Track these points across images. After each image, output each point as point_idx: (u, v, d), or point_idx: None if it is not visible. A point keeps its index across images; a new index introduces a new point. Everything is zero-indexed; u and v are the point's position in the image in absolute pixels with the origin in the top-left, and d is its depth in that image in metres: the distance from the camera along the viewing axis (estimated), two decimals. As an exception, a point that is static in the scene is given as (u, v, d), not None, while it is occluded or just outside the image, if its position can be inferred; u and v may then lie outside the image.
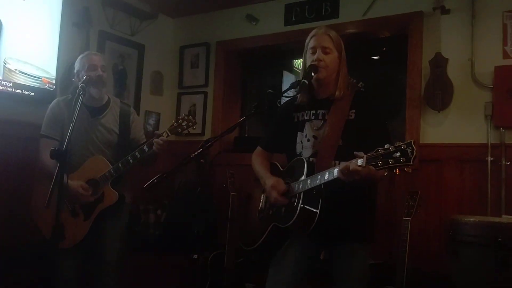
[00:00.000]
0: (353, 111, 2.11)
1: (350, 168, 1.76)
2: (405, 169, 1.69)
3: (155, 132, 2.81)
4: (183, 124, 2.71)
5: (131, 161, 2.71)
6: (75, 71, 2.86)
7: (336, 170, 1.85)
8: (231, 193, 3.73)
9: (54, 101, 2.94)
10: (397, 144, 1.67)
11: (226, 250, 3.59)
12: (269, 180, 2.17)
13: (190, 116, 2.75)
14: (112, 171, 2.73)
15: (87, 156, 2.80)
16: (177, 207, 4.25)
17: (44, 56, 3.65)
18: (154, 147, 2.67)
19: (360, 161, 1.75)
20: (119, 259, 2.84)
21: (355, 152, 1.79)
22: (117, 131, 2.87)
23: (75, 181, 2.69)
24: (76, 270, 2.80)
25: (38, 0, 3.57)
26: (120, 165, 2.73)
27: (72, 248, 2.72)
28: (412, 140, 1.66)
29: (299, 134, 2.21)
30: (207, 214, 4.06)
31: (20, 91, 3.47)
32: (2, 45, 3.36)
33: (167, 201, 4.39)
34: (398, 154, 1.66)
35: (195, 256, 3.06)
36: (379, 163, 1.70)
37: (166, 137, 2.68)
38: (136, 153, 2.71)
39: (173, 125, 2.74)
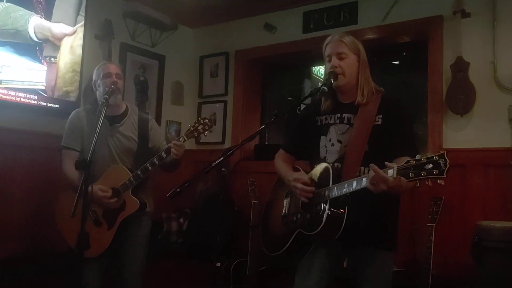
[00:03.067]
0: (380, 116, 2.08)
1: (379, 175, 1.75)
2: (438, 181, 1.67)
3: (173, 137, 2.79)
4: (199, 127, 2.68)
5: (150, 168, 2.69)
6: (92, 82, 2.90)
7: (364, 180, 1.83)
8: (252, 201, 3.75)
9: (74, 111, 2.96)
10: (429, 156, 1.65)
11: (248, 258, 3.59)
12: (292, 176, 2.14)
13: (207, 119, 2.71)
14: (132, 179, 2.71)
15: (108, 165, 2.79)
16: (199, 215, 4.27)
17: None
18: (171, 153, 2.64)
19: (390, 172, 1.73)
20: (142, 268, 2.84)
21: (386, 163, 1.77)
22: (136, 139, 2.86)
23: (93, 186, 2.64)
24: (100, 279, 2.80)
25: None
26: (139, 173, 2.71)
27: (97, 258, 2.72)
28: (445, 152, 1.64)
29: (322, 138, 2.19)
30: (229, 222, 4.07)
31: (45, 104, 3.56)
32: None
33: (189, 209, 4.43)
34: (430, 165, 1.64)
35: (218, 264, 3.06)
36: (411, 175, 1.68)
37: (183, 141, 2.66)
38: (155, 160, 2.69)
39: (189, 129, 2.72)
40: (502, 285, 2.39)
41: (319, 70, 5.44)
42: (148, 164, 2.70)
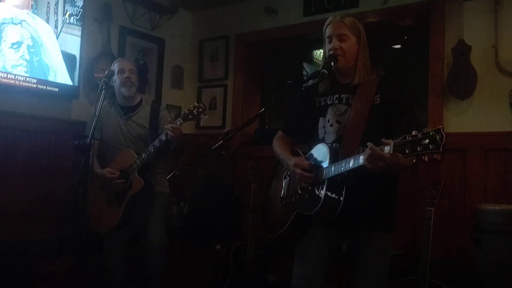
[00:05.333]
0: (379, 96, 2.08)
1: (375, 153, 1.74)
2: (434, 156, 1.66)
3: (169, 120, 2.98)
4: (194, 111, 2.85)
5: (151, 150, 2.96)
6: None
7: (361, 157, 1.83)
8: (252, 185, 3.75)
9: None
10: (425, 131, 1.64)
11: (248, 241, 3.61)
12: (291, 160, 2.14)
13: (201, 103, 2.89)
14: (138, 161, 3.02)
15: (121, 149, 3.13)
16: (199, 199, 4.29)
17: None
18: (168, 135, 2.84)
19: (387, 148, 1.73)
20: (161, 244, 3.15)
21: (382, 139, 1.76)
22: (147, 127, 3.14)
23: (101, 169, 3.08)
24: (121, 254, 3.18)
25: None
26: (143, 155, 3.00)
27: (115, 234, 3.12)
28: (441, 127, 1.63)
29: (321, 119, 2.19)
30: (229, 205, 4.08)
31: (45, 87, 3.54)
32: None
33: (189, 193, 4.44)
34: (426, 141, 1.62)
35: (218, 246, 3.11)
36: (407, 150, 1.66)
37: (179, 124, 2.85)
38: (156, 143, 2.94)
39: (185, 112, 2.90)
40: (501, 268, 2.41)
41: (320, 54, 5.40)
42: (150, 147, 2.98)
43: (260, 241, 3.60)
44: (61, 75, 3.62)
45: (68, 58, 3.64)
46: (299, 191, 2.13)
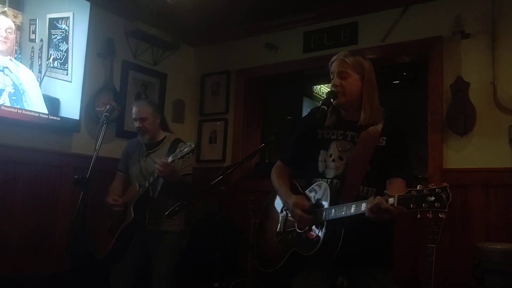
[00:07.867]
0: (384, 138, 2.09)
1: (382, 207, 1.73)
2: (440, 215, 1.66)
3: (162, 158, 3.00)
4: (184, 149, 2.88)
5: (146, 184, 3.08)
6: None
7: (363, 205, 1.82)
8: (252, 220, 3.72)
9: (128, 141, 3.52)
10: (431, 187, 1.64)
11: (247, 278, 3.56)
12: (291, 199, 2.11)
13: (191, 143, 2.91)
14: (136, 195, 3.10)
15: (137, 182, 3.21)
16: (198, 234, 4.24)
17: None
18: (156, 170, 2.94)
19: (391, 200, 1.72)
20: (167, 283, 3.17)
21: (385, 191, 1.77)
22: None
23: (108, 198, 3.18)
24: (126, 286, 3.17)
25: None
26: (140, 189, 3.10)
27: (120, 265, 3.13)
28: (447, 185, 1.63)
29: (322, 151, 2.18)
30: (228, 241, 4.04)
31: (46, 121, 3.55)
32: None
33: (188, 227, 4.39)
34: (432, 198, 1.62)
35: (216, 284, 3.06)
36: (412, 205, 1.66)
37: (171, 161, 2.90)
38: (150, 178, 3.06)
39: (176, 151, 2.96)
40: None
41: (320, 89, 5.47)
42: (146, 182, 3.09)
43: (259, 277, 3.55)
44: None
45: (51, 102, 3.61)
46: (297, 229, 2.11)
